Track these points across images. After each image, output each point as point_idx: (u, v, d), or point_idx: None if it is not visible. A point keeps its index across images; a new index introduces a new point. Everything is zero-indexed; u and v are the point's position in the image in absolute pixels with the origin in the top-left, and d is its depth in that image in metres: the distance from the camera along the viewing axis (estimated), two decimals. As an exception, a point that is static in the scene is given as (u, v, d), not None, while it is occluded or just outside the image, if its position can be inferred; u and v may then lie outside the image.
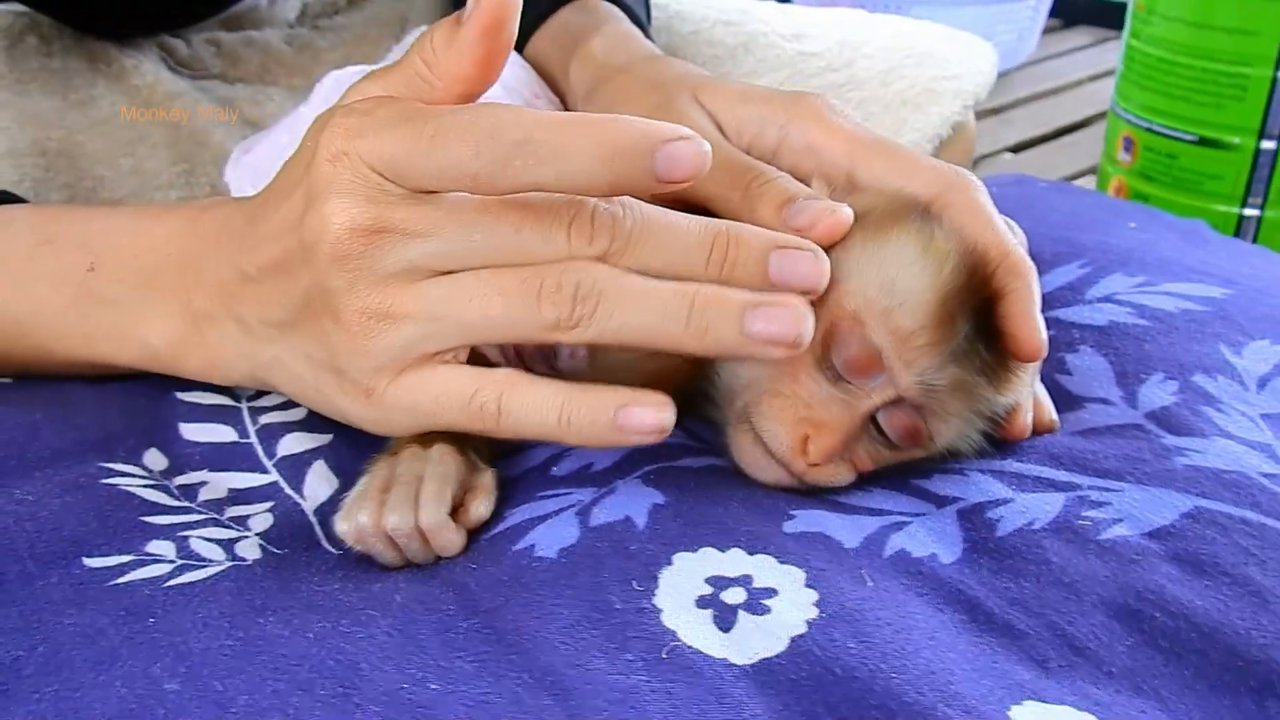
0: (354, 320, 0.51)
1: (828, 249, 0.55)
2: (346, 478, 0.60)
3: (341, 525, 0.52)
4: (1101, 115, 1.97)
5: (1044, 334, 0.58)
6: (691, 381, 0.65)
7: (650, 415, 0.51)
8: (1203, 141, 1.19)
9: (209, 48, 0.98)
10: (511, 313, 0.50)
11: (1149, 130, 1.23)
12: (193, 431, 0.64)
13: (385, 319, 0.51)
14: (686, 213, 0.52)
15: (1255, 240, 1.20)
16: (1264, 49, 1.13)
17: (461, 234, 0.50)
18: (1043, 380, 0.67)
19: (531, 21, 0.87)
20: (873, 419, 0.59)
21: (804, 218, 0.58)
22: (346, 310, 0.51)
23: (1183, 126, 1.20)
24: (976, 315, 0.59)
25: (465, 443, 0.58)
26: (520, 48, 0.88)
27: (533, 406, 0.52)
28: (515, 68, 0.81)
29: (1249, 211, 1.19)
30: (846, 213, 0.58)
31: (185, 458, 0.62)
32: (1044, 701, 0.47)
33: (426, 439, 0.57)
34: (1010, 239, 0.60)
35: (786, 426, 0.58)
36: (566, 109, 0.82)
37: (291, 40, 1.00)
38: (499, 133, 0.48)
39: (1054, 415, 0.66)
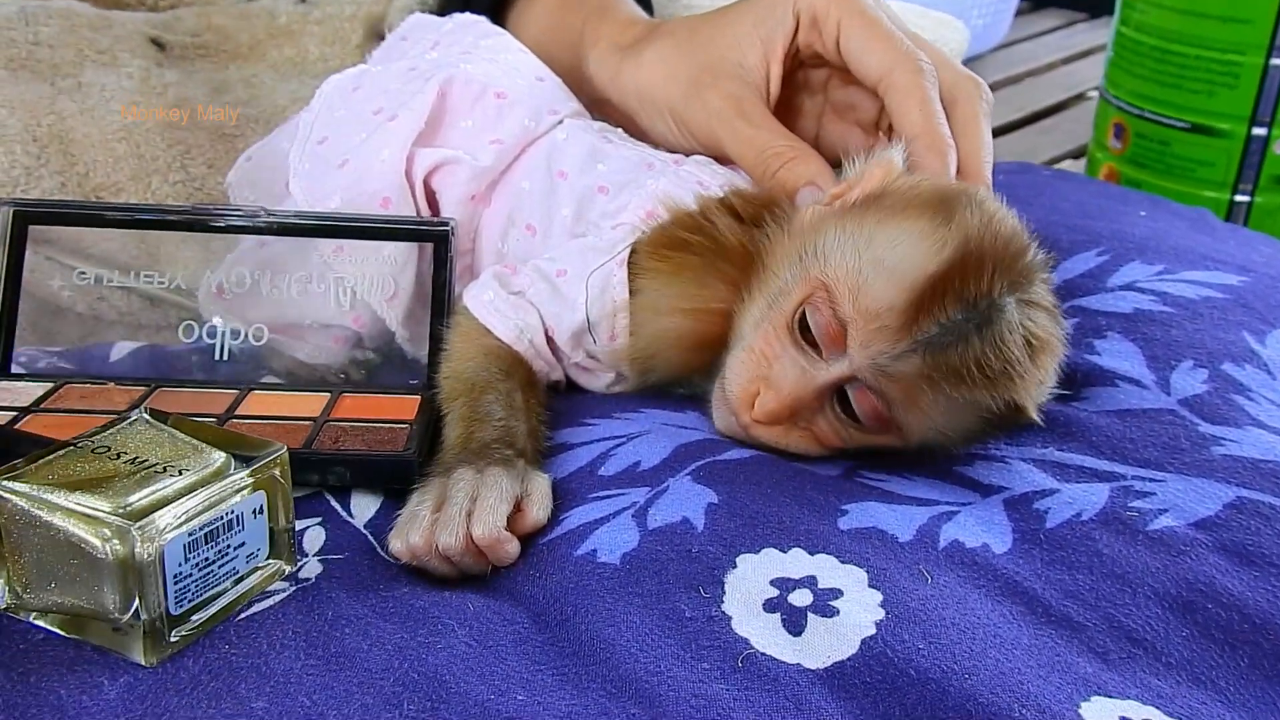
0: None
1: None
2: (388, 491, 0.59)
3: (395, 543, 0.52)
4: (1077, 98, 1.98)
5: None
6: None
7: None
8: (1195, 128, 1.20)
9: (200, 20, 0.97)
10: None
11: (1140, 117, 1.24)
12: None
13: None
14: None
15: (1246, 225, 1.21)
16: (1256, 37, 1.14)
17: None
18: (1073, 362, 0.66)
19: None
20: (842, 397, 0.59)
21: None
22: None
23: (1175, 114, 1.21)
24: (973, 312, 0.55)
25: (517, 447, 0.57)
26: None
27: None
28: (519, 54, 0.81)
29: (1240, 198, 1.20)
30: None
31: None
32: (1110, 696, 0.47)
33: (479, 459, 0.56)
34: (939, 128, 0.67)
35: (744, 380, 0.60)
36: (578, 65, 0.84)
37: (279, 14, 1.00)
38: None
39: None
